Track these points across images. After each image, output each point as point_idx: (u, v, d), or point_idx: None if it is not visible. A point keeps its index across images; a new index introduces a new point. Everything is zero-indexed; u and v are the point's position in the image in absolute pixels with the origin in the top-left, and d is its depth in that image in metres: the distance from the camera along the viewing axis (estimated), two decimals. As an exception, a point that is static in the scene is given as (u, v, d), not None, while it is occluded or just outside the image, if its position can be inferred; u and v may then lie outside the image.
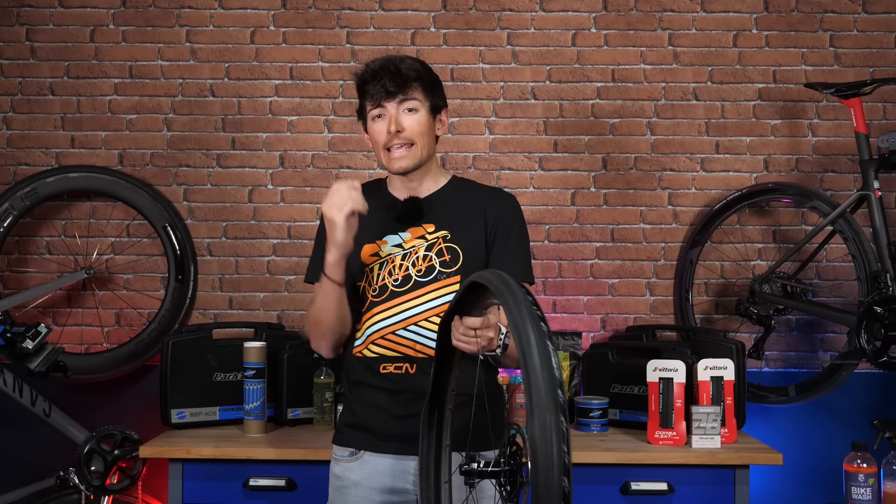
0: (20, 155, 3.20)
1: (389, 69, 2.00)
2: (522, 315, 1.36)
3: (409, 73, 2.00)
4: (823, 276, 3.18)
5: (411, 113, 2.01)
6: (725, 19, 3.21)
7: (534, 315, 1.37)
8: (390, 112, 2.00)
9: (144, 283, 3.20)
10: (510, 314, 1.38)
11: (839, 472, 2.73)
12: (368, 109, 2.03)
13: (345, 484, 2.05)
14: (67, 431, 2.90)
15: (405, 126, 2.00)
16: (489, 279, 1.51)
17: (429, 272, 2.03)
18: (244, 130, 3.21)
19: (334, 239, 1.93)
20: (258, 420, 2.71)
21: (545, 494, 1.25)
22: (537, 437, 1.27)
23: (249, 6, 3.21)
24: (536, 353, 1.32)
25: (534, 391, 1.29)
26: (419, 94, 2.02)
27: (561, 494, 1.26)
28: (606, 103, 3.21)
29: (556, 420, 1.27)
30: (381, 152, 2.04)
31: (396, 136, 2.00)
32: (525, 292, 1.43)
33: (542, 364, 1.31)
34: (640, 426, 2.73)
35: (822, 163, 3.20)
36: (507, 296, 1.42)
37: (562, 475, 1.27)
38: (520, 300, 1.39)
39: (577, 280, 3.20)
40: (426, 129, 2.04)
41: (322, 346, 2.09)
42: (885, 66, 3.19)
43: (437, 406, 1.82)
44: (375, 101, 2.01)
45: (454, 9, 3.21)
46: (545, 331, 1.35)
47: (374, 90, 2.00)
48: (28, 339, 2.72)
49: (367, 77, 2.02)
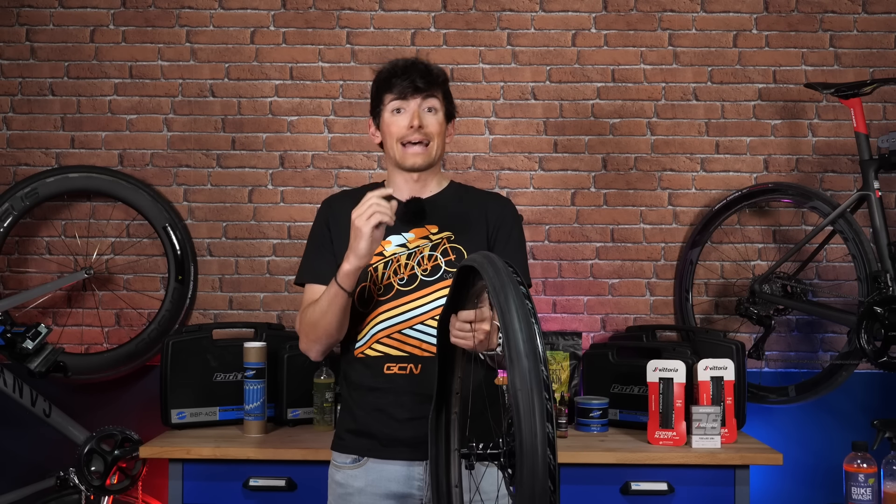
0: (20, 155, 3.20)
1: (419, 67, 2.04)
2: (501, 277, 1.39)
3: (438, 74, 2.07)
4: (823, 276, 3.18)
5: (431, 112, 2.05)
6: (725, 19, 3.21)
7: (512, 279, 1.39)
8: (412, 108, 2.03)
9: (144, 283, 3.20)
10: (489, 279, 1.41)
11: (839, 473, 2.73)
12: (388, 101, 2.05)
13: (348, 491, 2.03)
14: (67, 432, 2.89)
15: (426, 123, 2.04)
16: (473, 258, 1.55)
17: (435, 271, 2.03)
18: (244, 131, 3.21)
19: (356, 249, 1.89)
20: (258, 420, 2.71)
21: (529, 442, 1.23)
22: (518, 386, 1.25)
23: (249, 6, 3.21)
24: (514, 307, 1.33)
25: (512, 342, 1.28)
26: (440, 97, 2.07)
27: (545, 441, 1.23)
28: (606, 103, 3.21)
29: (535, 367, 1.26)
30: (396, 145, 2.05)
31: (417, 132, 2.02)
32: (506, 263, 1.46)
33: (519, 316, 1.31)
34: (640, 426, 2.73)
35: (822, 163, 3.20)
36: (487, 266, 1.45)
37: (545, 421, 1.24)
38: (499, 268, 1.43)
39: (578, 280, 3.20)
40: (442, 129, 2.08)
41: (312, 350, 2.06)
42: (885, 67, 3.19)
43: (444, 410, 1.82)
44: (401, 94, 2.03)
45: (454, 9, 3.21)
46: (524, 292, 1.37)
47: (402, 84, 2.02)
48: (28, 339, 2.73)
49: (397, 71, 2.04)
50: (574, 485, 2.55)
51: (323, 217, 2.14)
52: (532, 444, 1.22)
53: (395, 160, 2.07)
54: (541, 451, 1.22)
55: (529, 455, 1.22)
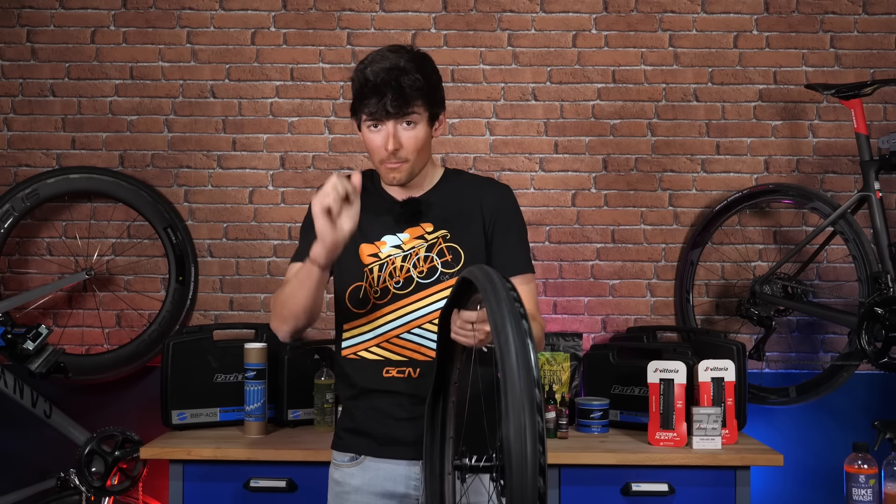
0: (21, 156, 3.20)
1: (391, 84, 1.88)
2: (503, 313, 1.37)
3: (411, 92, 1.91)
4: (824, 277, 3.18)
5: (410, 127, 1.94)
6: (726, 20, 3.21)
7: (515, 313, 1.37)
8: (388, 129, 1.93)
9: (145, 284, 3.20)
10: (491, 313, 1.38)
11: (840, 474, 2.73)
12: (364, 119, 1.96)
13: (345, 489, 2.04)
14: (68, 432, 2.90)
15: (403, 143, 1.94)
16: (476, 276, 1.52)
17: (430, 273, 2.02)
18: (245, 132, 3.21)
19: (317, 230, 1.84)
20: (259, 421, 2.71)
21: (520, 495, 1.24)
22: (512, 438, 1.25)
23: (250, 7, 3.21)
24: (514, 352, 1.32)
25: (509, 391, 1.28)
26: (420, 108, 1.94)
27: (536, 494, 1.24)
28: (607, 104, 3.21)
29: (531, 420, 1.26)
30: (376, 162, 1.99)
31: (393, 155, 1.93)
32: (509, 289, 1.43)
33: (519, 363, 1.30)
34: (640, 427, 2.73)
35: (822, 164, 3.20)
36: (490, 294, 1.42)
37: (536, 475, 1.25)
38: (501, 299, 1.40)
39: (578, 281, 3.20)
40: (423, 144, 1.97)
41: (281, 329, 1.99)
42: (886, 67, 3.19)
43: (441, 398, 1.82)
44: (373, 116, 1.92)
45: (455, 10, 3.21)
46: (525, 329, 1.35)
47: (374, 107, 1.91)
48: (29, 340, 2.73)
49: (368, 91, 1.91)
50: (575, 485, 2.55)
51: None
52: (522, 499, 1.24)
53: (379, 173, 2.02)
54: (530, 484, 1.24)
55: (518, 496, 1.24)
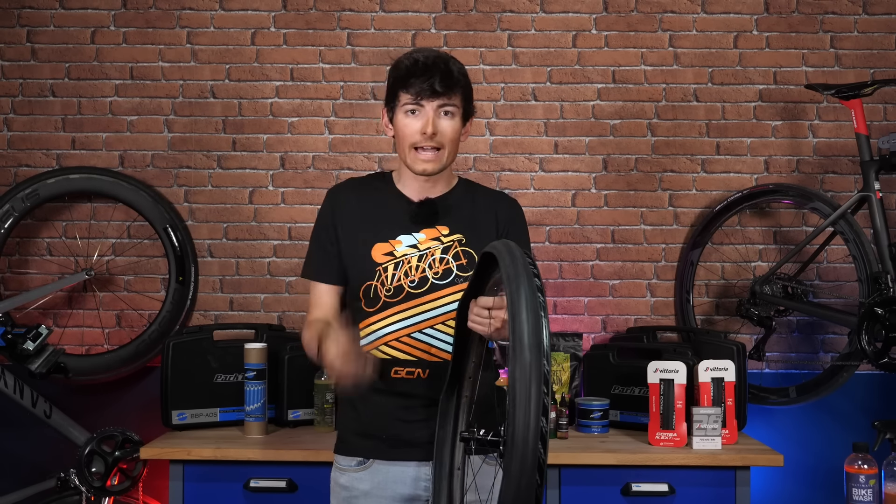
0: (21, 156, 3.20)
1: (440, 67, 1.92)
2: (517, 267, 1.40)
3: (458, 76, 1.95)
4: (824, 277, 3.18)
5: (448, 117, 1.95)
6: (726, 20, 3.21)
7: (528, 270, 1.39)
8: (428, 112, 1.93)
9: (145, 284, 3.20)
10: (504, 267, 1.41)
11: (840, 474, 2.73)
12: (403, 100, 1.95)
13: (354, 494, 2.00)
14: (68, 433, 2.90)
15: (440, 130, 1.95)
16: (493, 245, 1.54)
17: (446, 275, 2.00)
18: (245, 132, 3.21)
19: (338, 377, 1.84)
20: (259, 421, 2.71)
21: (522, 433, 1.23)
22: (517, 377, 1.25)
23: (250, 7, 3.21)
24: (524, 298, 1.33)
25: (517, 331, 1.29)
26: (459, 99, 1.96)
27: (537, 433, 1.23)
28: (607, 104, 3.21)
29: (536, 360, 1.26)
30: (408, 149, 1.97)
31: (430, 139, 1.94)
32: (524, 253, 1.46)
33: (528, 308, 1.31)
34: (640, 427, 2.73)
35: (822, 164, 3.20)
36: (505, 254, 1.45)
37: (539, 414, 1.24)
38: (517, 257, 1.43)
39: (578, 281, 3.20)
40: (457, 136, 1.98)
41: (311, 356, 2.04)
42: (886, 68, 3.19)
43: (456, 393, 1.82)
44: (417, 96, 1.92)
45: (455, 10, 3.21)
46: (538, 285, 1.37)
47: (420, 86, 1.91)
48: (29, 340, 2.73)
49: (417, 70, 1.92)
50: (575, 486, 2.55)
51: (328, 209, 2.07)
52: (524, 437, 1.23)
53: (406, 162, 2.00)
54: (532, 443, 1.23)
55: (520, 446, 1.22)
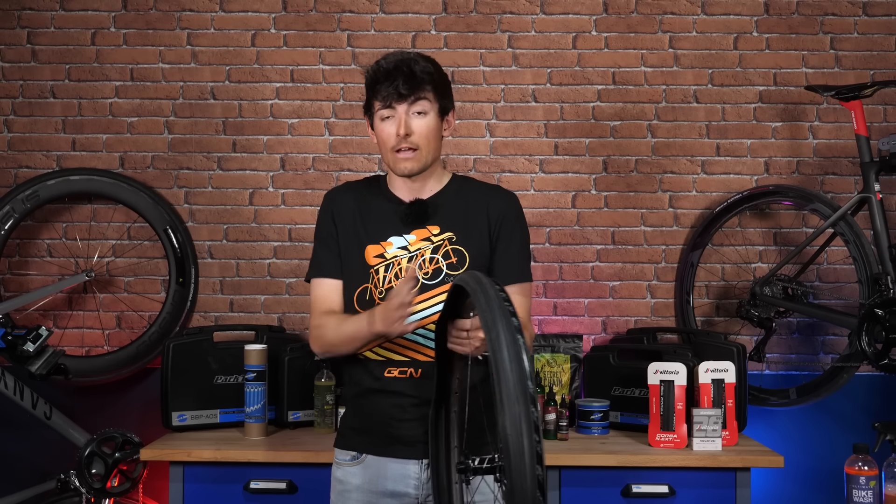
0: (21, 158, 3.20)
1: (403, 70, 1.97)
2: (493, 311, 1.40)
3: (422, 75, 1.98)
4: (824, 278, 3.18)
5: (420, 116, 2.00)
6: (726, 22, 3.21)
7: (504, 311, 1.39)
8: (400, 114, 1.99)
9: (145, 285, 3.20)
10: (481, 312, 1.41)
11: (840, 475, 2.73)
12: (377, 109, 2.02)
13: (346, 488, 2.05)
14: (68, 434, 2.90)
15: (413, 130, 1.99)
16: (465, 280, 1.55)
17: (436, 275, 2.03)
18: (245, 133, 3.21)
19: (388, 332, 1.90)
20: (259, 423, 2.71)
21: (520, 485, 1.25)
22: (508, 430, 1.27)
23: (250, 9, 3.21)
24: (505, 347, 1.34)
25: (503, 384, 1.30)
26: (430, 96, 2.00)
27: (535, 483, 1.26)
28: (607, 106, 3.21)
29: (525, 411, 1.28)
30: (388, 153, 2.03)
31: (404, 140, 1.99)
32: (498, 290, 1.46)
33: (510, 357, 1.33)
34: (640, 429, 2.73)
35: (822, 165, 3.20)
36: (479, 294, 1.46)
37: (535, 464, 1.26)
38: (491, 298, 1.43)
39: (578, 282, 3.20)
40: (434, 133, 2.02)
41: (321, 355, 2.11)
42: (886, 69, 3.19)
43: (444, 409, 1.84)
44: (386, 102, 1.99)
45: (455, 11, 3.21)
46: (515, 325, 1.38)
47: (386, 91, 1.97)
48: (29, 341, 2.73)
49: (380, 77, 1.99)
50: (575, 487, 2.55)
51: (327, 211, 2.13)
52: (522, 488, 1.25)
53: (389, 165, 2.06)
54: (530, 494, 1.26)
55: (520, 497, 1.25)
